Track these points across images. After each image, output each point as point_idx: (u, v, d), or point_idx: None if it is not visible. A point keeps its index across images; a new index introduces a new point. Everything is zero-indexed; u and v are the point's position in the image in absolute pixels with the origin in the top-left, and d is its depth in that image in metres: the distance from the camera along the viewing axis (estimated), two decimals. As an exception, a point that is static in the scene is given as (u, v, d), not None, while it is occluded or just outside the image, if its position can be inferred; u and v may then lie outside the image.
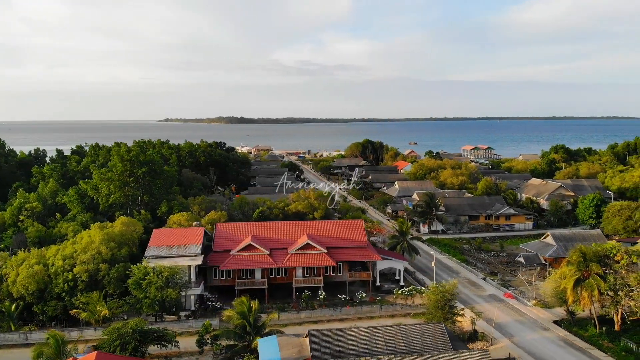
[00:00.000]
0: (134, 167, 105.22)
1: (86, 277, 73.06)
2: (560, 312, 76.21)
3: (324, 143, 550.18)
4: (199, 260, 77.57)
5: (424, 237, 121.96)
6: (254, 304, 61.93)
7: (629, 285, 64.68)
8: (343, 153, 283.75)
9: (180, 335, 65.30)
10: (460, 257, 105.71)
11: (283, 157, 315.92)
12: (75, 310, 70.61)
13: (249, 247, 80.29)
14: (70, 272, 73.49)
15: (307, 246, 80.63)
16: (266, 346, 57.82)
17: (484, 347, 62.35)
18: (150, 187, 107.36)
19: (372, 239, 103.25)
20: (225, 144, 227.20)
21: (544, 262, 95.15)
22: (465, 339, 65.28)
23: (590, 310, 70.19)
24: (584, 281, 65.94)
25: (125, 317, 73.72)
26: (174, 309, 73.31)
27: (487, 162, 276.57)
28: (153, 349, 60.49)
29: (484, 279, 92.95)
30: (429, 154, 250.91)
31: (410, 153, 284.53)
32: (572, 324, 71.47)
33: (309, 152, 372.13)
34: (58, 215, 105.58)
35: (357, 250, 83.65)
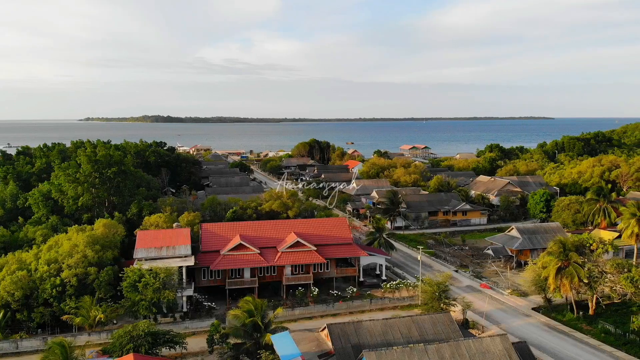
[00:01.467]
0: (103, 168, 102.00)
1: (75, 281, 70.80)
2: (535, 299, 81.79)
3: (260, 143, 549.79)
4: (190, 261, 76.99)
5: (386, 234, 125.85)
6: (263, 302, 62.69)
7: (605, 272, 70.70)
8: (290, 153, 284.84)
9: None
10: (429, 252, 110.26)
11: (226, 157, 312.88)
12: (67, 315, 68.38)
13: (239, 247, 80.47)
14: (58, 277, 70.99)
15: (297, 244, 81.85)
16: (282, 342, 58.71)
17: (477, 334, 66.22)
18: (120, 188, 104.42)
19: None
20: (165, 143, 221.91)
21: (510, 254, 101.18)
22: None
23: (566, 297, 76.03)
24: (565, 269, 71.39)
25: (115, 322, 72.40)
26: (172, 311, 72.43)
27: (426, 160, 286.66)
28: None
29: (457, 271, 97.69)
30: (377, 153, 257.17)
31: (353, 152, 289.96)
32: (549, 310, 77.02)
33: (250, 152, 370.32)
34: (21, 219, 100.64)
35: (344, 247, 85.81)
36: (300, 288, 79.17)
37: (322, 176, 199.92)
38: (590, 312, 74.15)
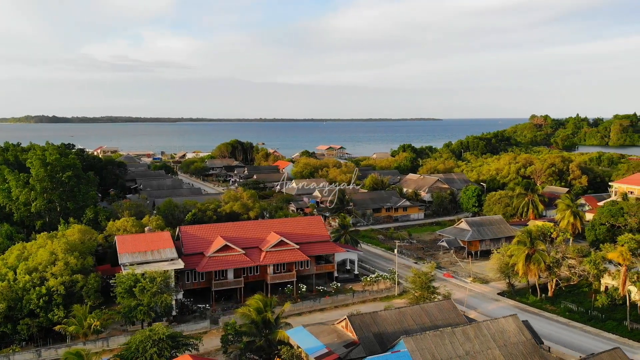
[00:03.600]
0: (58, 172, 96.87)
1: (63, 290, 67.75)
2: (497, 285, 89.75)
3: (164, 144, 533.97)
4: (179, 264, 76.22)
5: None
6: (272, 299, 64.21)
7: (567, 257, 79.64)
8: (211, 154, 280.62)
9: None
10: (384, 246, 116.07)
11: (140, 159, 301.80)
12: (60, 325, 65.40)
13: (225, 248, 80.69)
14: (43, 287, 67.52)
15: (281, 243, 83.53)
16: (300, 337, 60.85)
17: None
18: (74, 192, 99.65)
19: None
20: (74, 145, 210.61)
21: (462, 245, 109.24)
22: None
23: (528, 281, 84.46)
24: (532, 256, 79.46)
25: (103, 330, 70.15)
26: (165, 315, 71.33)
27: (344, 160, 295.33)
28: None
29: (416, 262, 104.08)
30: (306, 153, 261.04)
31: (274, 152, 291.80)
32: (513, 294, 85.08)
33: (162, 153, 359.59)
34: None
35: (323, 244, 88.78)
36: (289, 286, 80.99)
37: (255, 177, 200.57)
38: (550, 294, 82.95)
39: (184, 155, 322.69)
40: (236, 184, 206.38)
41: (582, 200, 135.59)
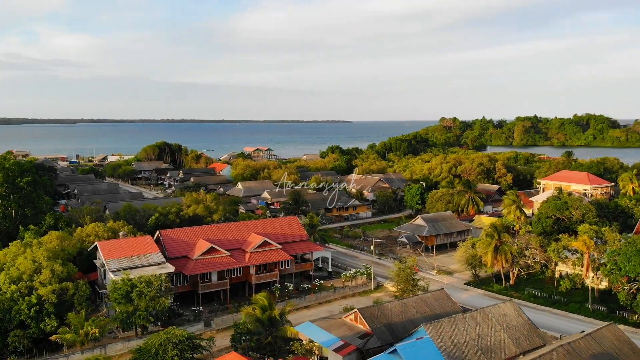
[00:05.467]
0: (15, 177, 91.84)
1: (55, 298, 65.30)
2: (460, 276, 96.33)
3: (70, 146, 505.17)
4: (169, 268, 75.46)
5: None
6: (275, 297, 65.88)
7: (530, 247, 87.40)
8: (136, 156, 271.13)
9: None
10: (344, 244, 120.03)
11: (58, 163, 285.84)
12: (56, 335, 63.04)
13: (210, 250, 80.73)
14: (33, 296, 64.74)
15: (264, 244, 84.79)
16: (312, 332, 63.11)
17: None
18: (32, 198, 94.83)
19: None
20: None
21: (420, 240, 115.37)
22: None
23: (493, 271, 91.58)
24: (500, 248, 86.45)
25: (101, 337, 68.38)
26: (159, 319, 70.55)
27: (273, 160, 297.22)
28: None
29: (379, 258, 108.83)
30: (242, 155, 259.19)
31: (200, 154, 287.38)
32: (478, 283, 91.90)
33: (77, 156, 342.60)
34: None
35: (302, 243, 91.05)
36: (277, 285, 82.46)
37: (192, 179, 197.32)
38: (511, 282, 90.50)
39: (104, 158, 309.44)
40: (173, 188, 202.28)
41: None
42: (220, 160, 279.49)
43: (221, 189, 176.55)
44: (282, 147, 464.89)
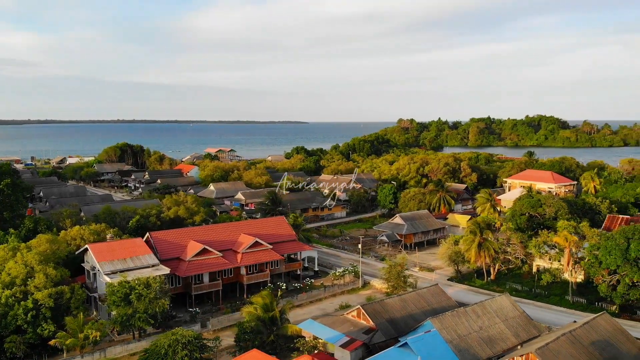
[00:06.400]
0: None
1: (52, 303, 64.08)
2: (442, 272, 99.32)
3: (21, 148, 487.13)
4: (164, 270, 75.04)
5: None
6: (276, 296, 66.68)
7: (511, 243, 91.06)
8: (96, 158, 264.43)
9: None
10: (324, 243, 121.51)
11: (13, 165, 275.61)
12: (55, 340, 61.96)
13: (203, 252, 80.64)
14: (29, 300, 63.33)
15: (255, 244, 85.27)
16: (315, 329, 64.26)
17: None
18: (11, 201, 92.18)
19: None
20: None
21: (399, 238, 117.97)
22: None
23: (476, 267, 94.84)
24: (483, 244, 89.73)
25: (101, 340, 67.55)
26: (156, 321, 70.07)
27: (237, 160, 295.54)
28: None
29: (361, 257, 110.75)
30: (208, 156, 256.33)
31: (164, 155, 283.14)
32: (461, 279, 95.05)
33: (32, 158, 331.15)
34: None
35: (291, 243, 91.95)
36: (270, 284, 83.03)
37: (159, 181, 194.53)
38: (492, 277, 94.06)
39: (62, 160, 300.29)
40: (140, 190, 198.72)
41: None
42: (183, 161, 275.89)
43: (191, 191, 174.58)
44: (242, 148, 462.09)
